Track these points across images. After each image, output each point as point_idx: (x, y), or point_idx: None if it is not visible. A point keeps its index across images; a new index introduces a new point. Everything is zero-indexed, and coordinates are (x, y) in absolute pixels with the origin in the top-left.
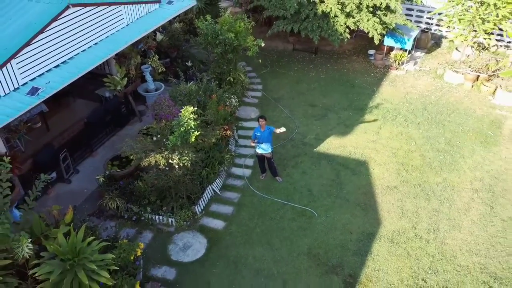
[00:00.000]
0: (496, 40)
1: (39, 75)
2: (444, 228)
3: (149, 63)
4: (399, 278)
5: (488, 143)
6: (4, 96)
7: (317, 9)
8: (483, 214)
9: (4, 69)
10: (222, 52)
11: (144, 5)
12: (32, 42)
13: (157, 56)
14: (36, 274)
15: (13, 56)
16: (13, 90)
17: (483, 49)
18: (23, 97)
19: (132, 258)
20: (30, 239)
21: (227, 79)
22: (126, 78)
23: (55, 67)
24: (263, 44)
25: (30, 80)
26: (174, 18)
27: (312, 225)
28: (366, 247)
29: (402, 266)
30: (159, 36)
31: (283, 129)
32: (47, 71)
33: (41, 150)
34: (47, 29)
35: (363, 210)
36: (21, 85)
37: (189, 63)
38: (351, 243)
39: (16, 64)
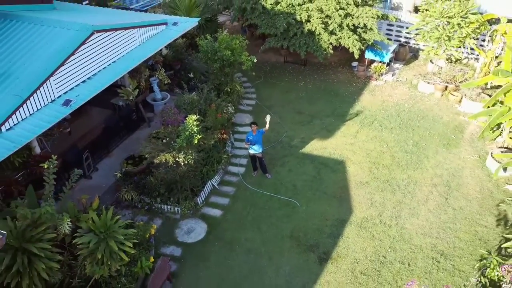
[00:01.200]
0: (468, 53)
1: (70, 89)
2: (404, 216)
3: (156, 75)
4: (364, 255)
5: (450, 145)
6: (44, 106)
7: (304, 28)
8: (439, 204)
9: (44, 85)
10: (220, 66)
11: (153, 27)
12: (65, 63)
13: (163, 70)
14: (78, 243)
15: (51, 75)
16: (50, 102)
17: (455, 61)
18: (59, 108)
19: (147, 236)
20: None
21: (225, 89)
22: (137, 89)
23: (82, 82)
24: (255, 60)
25: (64, 93)
26: None
27: (295, 213)
28: (339, 231)
29: (367, 246)
30: (165, 51)
31: (268, 117)
32: (76, 86)
33: (67, 151)
34: (76, 51)
35: (338, 201)
36: (57, 98)
37: (191, 75)
38: (326, 227)
39: (53, 80)
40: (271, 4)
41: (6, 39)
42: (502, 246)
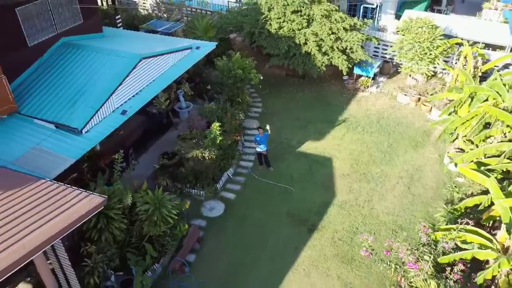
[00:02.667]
0: (442, 68)
1: (125, 102)
2: (375, 200)
3: (182, 88)
4: (341, 227)
5: (417, 147)
6: (109, 115)
7: (302, 49)
8: (402, 191)
9: (108, 100)
10: (233, 82)
11: (181, 52)
12: (122, 83)
13: (187, 83)
14: (140, 211)
15: (113, 92)
16: (112, 112)
17: (431, 76)
18: (118, 116)
19: (183, 209)
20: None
21: (237, 100)
22: (168, 100)
23: (133, 96)
24: (261, 77)
25: (121, 105)
26: None
27: (291, 197)
28: (324, 210)
29: (344, 221)
30: None
31: (268, 126)
32: (129, 99)
33: (118, 148)
34: (129, 74)
35: (324, 188)
36: (116, 108)
37: (209, 87)
38: (314, 208)
39: (115, 96)
40: (275, 29)
41: (76, 64)
42: (435, 216)
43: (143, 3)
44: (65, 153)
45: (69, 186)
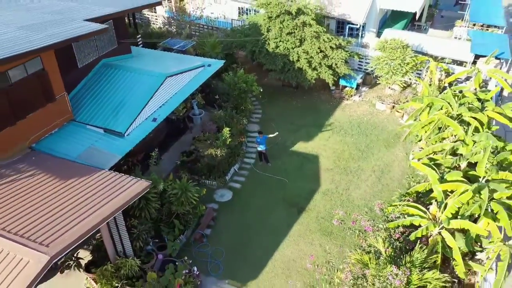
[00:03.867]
0: (415, 80)
1: (154, 111)
2: (351, 188)
3: (195, 98)
4: (324, 209)
5: (389, 146)
6: (143, 121)
7: (295, 65)
8: (374, 182)
9: (143, 110)
10: (238, 93)
11: (196, 69)
12: (152, 97)
13: (200, 94)
14: (172, 194)
15: (146, 104)
16: (145, 119)
17: (406, 87)
18: (150, 123)
19: (201, 194)
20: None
21: (241, 107)
22: (184, 108)
23: (159, 107)
24: (261, 90)
25: (151, 114)
26: None
27: (285, 187)
28: (311, 196)
29: (326, 204)
30: None
31: (276, 133)
32: (157, 109)
33: (147, 147)
34: (158, 90)
35: (312, 180)
36: (148, 117)
37: (217, 97)
38: (303, 194)
39: (146, 108)
40: (272, 48)
41: (116, 81)
42: (392, 198)
43: (155, 19)
44: (113, 151)
45: (123, 174)
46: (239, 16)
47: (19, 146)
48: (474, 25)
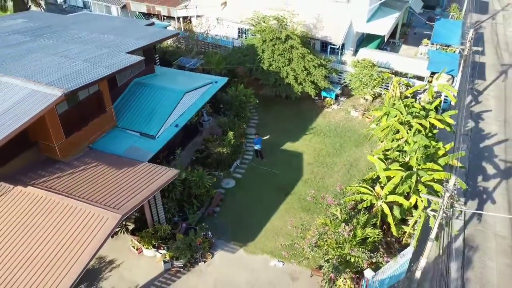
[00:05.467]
0: (384, 92)
1: (177, 119)
2: (326, 177)
3: (205, 107)
4: (304, 193)
5: (358, 146)
6: (168, 127)
7: (284, 81)
8: (344, 173)
9: (168, 118)
10: (239, 104)
11: (208, 85)
12: (175, 108)
13: (208, 104)
14: (191, 179)
15: (170, 114)
16: (169, 125)
17: (376, 97)
18: (173, 128)
19: (212, 182)
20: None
21: (241, 115)
22: (197, 116)
23: (179, 116)
24: (257, 101)
25: (174, 121)
26: None
27: (276, 177)
28: (295, 183)
29: (306, 189)
30: None
31: (268, 136)
32: (178, 117)
33: (170, 146)
34: (179, 103)
35: (296, 171)
36: (171, 124)
37: (222, 106)
38: (290, 182)
39: (171, 116)
40: (266, 67)
41: (146, 96)
42: (352, 183)
43: None
44: (148, 148)
45: (158, 165)
46: (239, 36)
47: (82, 146)
48: (433, 45)
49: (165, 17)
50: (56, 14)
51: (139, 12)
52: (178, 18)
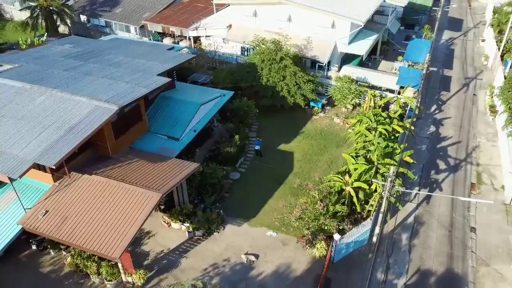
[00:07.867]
0: (362, 102)
1: (194, 125)
2: (311, 171)
3: (215, 115)
4: (294, 182)
5: (339, 146)
6: (188, 132)
7: (279, 94)
8: (326, 168)
9: (188, 124)
10: (242, 113)
11: (218, 98)
12: (193, 117)
13: (217, 113)
14: (207, 171)
15: (190, 121)
16: (189, 130)
17: (356, 106)
18: (192, 133)
19: (222, 174)
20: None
21: (244, 121)
22: (209, 122)
23: (197, 123)
24: (257, 111)
25: (193, 127)
26: None
27: (273, 171)
28: (287, 176)
29: (296, 180)
30: None
31: (260, 140)
32: (195, 124)
33: (189, 146)
34: (196, 112)
35: (288, 166)
36: (190, 129)
37: (228, 114)
38: (283, 174)
39: (190, 124)
40: (265, 82)
41: (171, 107)
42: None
43: None
44: (174, 148)
45: (183, 160)
46: (241, 54)
47: (126, 146)
48: (406, 62)
49: (178, 36)
50: (93, 39)
51: (155, 32)
52: (189, 37)
